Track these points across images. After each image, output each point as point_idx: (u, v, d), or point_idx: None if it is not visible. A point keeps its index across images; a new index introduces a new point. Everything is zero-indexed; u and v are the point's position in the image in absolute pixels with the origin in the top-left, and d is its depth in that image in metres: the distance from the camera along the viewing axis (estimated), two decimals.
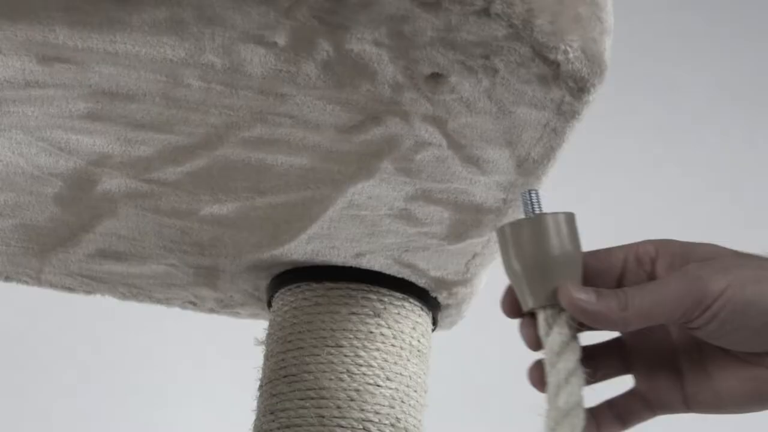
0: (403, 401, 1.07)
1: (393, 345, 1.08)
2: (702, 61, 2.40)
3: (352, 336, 1.07)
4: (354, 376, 1.06)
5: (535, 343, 0.75)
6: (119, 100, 0.86)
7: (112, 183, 0.98)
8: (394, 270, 1.08)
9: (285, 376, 1.08)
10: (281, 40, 0.76)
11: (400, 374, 1.07)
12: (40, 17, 0.76)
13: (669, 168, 2.38)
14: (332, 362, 1.06)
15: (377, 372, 1.06)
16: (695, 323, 0.71)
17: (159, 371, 2.18)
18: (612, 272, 0.76)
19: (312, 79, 0.80)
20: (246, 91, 0.83)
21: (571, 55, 0.73)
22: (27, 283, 1.19)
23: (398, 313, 1.09)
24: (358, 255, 1.06)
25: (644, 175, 2.38)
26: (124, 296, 1.21)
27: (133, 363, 2.17)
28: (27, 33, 0.78)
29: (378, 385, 1.06)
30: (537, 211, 0.75)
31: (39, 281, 1.18)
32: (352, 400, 1.05)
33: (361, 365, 1.06)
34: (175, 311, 1.24)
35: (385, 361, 1.07)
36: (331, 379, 1.06)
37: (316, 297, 1.09)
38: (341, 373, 1.06)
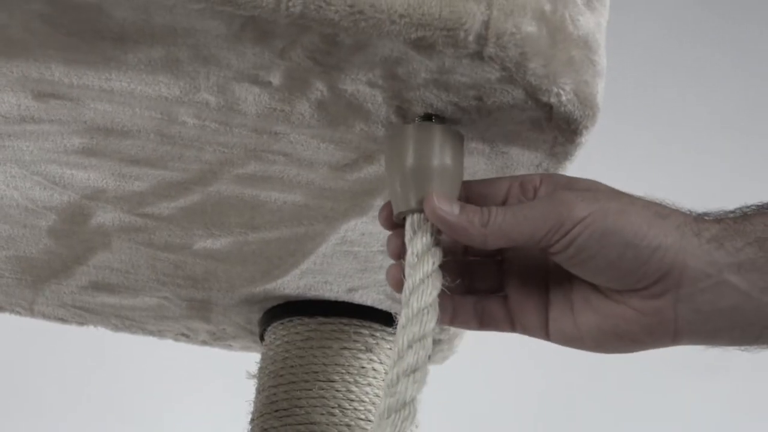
0: None
1: (384, 380, 1.08)
2: (696, 91, 2.41)
3: (344, 371, 1.07)
4: (346, 411, 1.06)
5: (398, 253, 0.77)
6: (114, 136, 0.86)
7: (105, 217, 0.98)
8: (386, 305, 1.09)
9: (276, 411, 1.08)
10: (276, 79, 0.76)
11: None
12: (37, 55, 0.76)
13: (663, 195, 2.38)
14: (324, 397, 1.07)
15: (369, 407, 1.06)
16: (555, 248, 0.72)
17: (150, 403, 2.17)
18: (496, 197, 0.77)
19: (306, 118, 0.80)
20: (240, 129, 0.83)
21: (563, 98, 0.73)
22: (20, 313, 1.19)
23: (390, 348, 1.09)
24: (350, 290, 1.06)
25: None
26: (116, 328, 1.21)
27: (125, 395, 2.17)
28: (23, 70, 0.78)
29: (369, 420, 1.06)
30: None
31: (32, 312, 1.18)
32: None
33: (352, 400, 1.06)
34: (168, 343, 1.25)
35: (377, 396, 1.07)
36: (322, 414, 1.06)
37: (308, 331, 1.10)
38: (333, 408, 1.06)
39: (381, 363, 1.08)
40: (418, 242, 0.74)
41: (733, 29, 2.43)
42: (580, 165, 0.85)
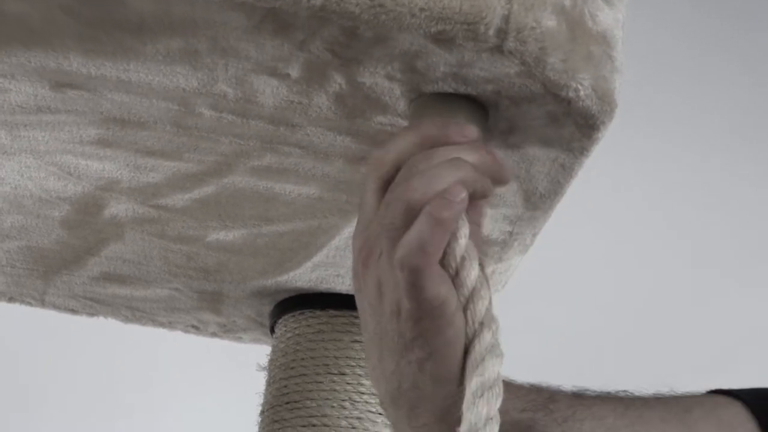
0: None
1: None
2: (706, 95, 2.41)
3: (354, 364, 1.08)
4: (356, 404, 1.06)
5: None
6: (130, 127, 0.86)
7: (119, 208, 0.98)
8: None
9: (287, 403, 1.08)
10: (294, 72, 0.76)
11: None
12: (55, 45, 0.76)
13: (674, 200, 2.39)
14: (335, 390, 1.07)
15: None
16: None
17: (160, 394, 2.17)
18: None
19: (323, 111, 0.80)
20: (257, 120, 0.83)
21: (582, 93, 0.73)
22: (31, 304, 1.19)
23: None
24: None
25: (648, 205, 2.38)
26: (127, 319, 1.21)
27: (134, 387, 2.17)
28: (41, 60, 0.78)
29: (380, 413, 1.06)
30: None
31: (43, 303, 1.18)
32: (353, 427, 1.05)
33: (363, 393, 1.07)
34: (178, 335, 1.25)
35: None
36: (333, 407, 1.06)
37: (319, 324, 1.10)
38: (343, 400, 1.06)
39: None
40: None
41: (741, 33, 2.43)
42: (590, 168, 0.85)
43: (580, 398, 0.79)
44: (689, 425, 0.81)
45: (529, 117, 0.77)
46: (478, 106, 0.77)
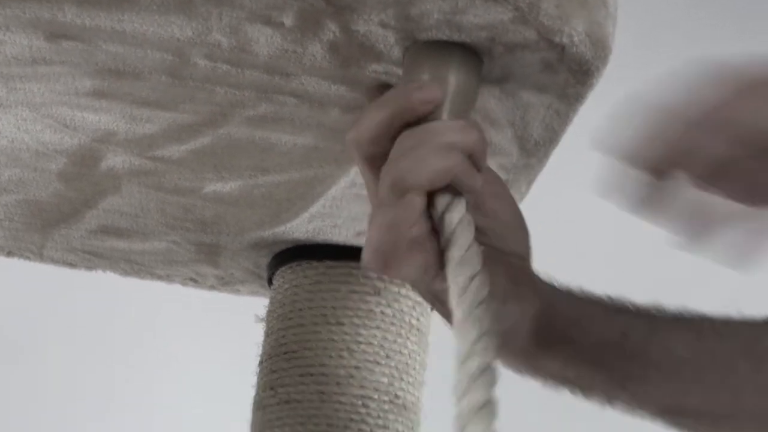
0: (402, 378, 1.08)
1: (393, 323, 1.08)
2: (700, 51, 2.40)
3: (352, 314, 1.08)
4: (354, 353, 1.07)
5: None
6: (125, 78, 0.86)
7: (116, 160, 0.99)
8: None
9: (285, 353, 1.09)
10: (288, 20, 0.76)
11: (400, 352, 1.08)
12: None
13: None
14: (332, 339, 1.07)
15: (377, 350, 1.07)
16: None
17: (159, 346, 2.18)
18: None
19: (318, 59, 0.81)
20: (252, 70, 0.83)
21: (575, 39, 0.74)
22: (29, 258, 1.19)
23: (398, 292, 1.09)
24: (359, 234, 1.07)
25: None
26: (125, 272, 1.21)
27: (134, 338, 2.18)
28: (35, 11, 0.78)
29: (378, 363, 1.07)
30: None
31: (41, 257, 1.18)
32: (351, 377, 1.06)
33: (360, 343, 1.07)
34: (176, 288, 1.25)
35: (385, 339, 1.08)
36: (331, 356, 1.07)
37: (316, 275, 1.10)
38: (341, 350, 1.07)
39: (389, 306, 1.09)
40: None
41: None
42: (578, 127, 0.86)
43: (654, 328, 0.81)
44: (758, 357, 0.81)
45: (524, 63, 0.78)
46: (473, 54, 0.77)
